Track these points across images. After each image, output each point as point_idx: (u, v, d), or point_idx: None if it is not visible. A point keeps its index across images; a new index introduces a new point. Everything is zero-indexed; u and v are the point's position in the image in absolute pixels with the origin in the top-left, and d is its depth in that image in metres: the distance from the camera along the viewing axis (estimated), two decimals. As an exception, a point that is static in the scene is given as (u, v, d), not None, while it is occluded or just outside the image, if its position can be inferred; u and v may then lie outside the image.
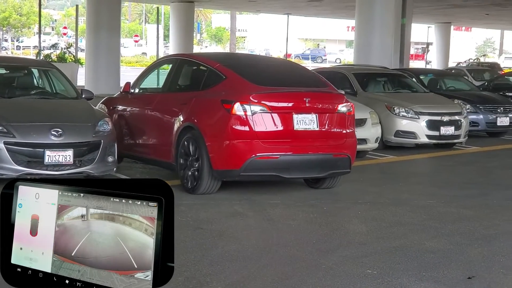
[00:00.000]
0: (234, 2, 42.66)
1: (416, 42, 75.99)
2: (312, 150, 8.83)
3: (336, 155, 9.00)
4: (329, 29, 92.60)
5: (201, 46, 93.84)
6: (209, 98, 8.94)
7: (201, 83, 9.43)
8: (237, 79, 8.96)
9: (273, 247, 6.61)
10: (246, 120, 8.44)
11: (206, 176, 8.66)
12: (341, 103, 9.07)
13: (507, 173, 11.92)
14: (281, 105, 8.65)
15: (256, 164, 8.49)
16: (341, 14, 46.18)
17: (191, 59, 10.55)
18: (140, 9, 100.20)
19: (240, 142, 8.46)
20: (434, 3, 34.44)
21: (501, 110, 16.94)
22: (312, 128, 8.77)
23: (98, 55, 26.79)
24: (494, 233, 7.49)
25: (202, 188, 8.73)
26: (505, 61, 73.15)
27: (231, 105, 8.48)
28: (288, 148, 8.66)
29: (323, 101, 9.03)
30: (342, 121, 9.07)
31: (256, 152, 8.45)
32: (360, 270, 5.95)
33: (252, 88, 8.66)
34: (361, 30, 21.17)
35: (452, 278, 5.85)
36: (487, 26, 64.46)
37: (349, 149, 9.13)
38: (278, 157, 8.54)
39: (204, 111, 8.93)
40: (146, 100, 10.40)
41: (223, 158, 8.58)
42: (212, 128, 8.71)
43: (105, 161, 9.09)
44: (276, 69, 10.22)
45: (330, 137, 8.99)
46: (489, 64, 43.96)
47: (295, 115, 8.65)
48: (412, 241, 6.99)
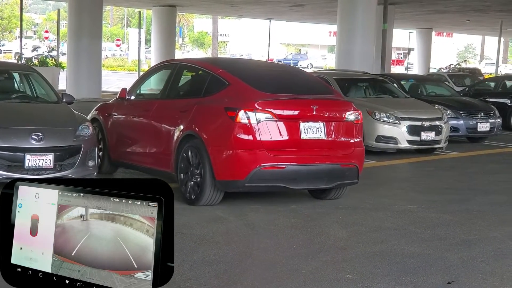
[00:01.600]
0: (216, 7, 42.66)
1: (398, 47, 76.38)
2: (319, 160, 8.50)
3: (344, 165, 8.68)
4: (311, 34, 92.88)
5: (183, 50, 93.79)
6: (212, 105, 8.58)
7: (203, 90, 9.04)
8: (241, 85, 8.59)
9: (253, 251, 6.61)
10: (251, 128, 8.08)
11: (209, 187, 8.28)
12: (349, 111, 8.76)
13: (487, 178, 11.99)
14: (287, 112, 8.32)
15: (261, 175, 8.13)
16: (323, 19, 46.32)
17: (192, 64, 10.16)
18: (122, 13, 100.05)
19: (245, 152, 8.10)
20: (416, 8, 34.64)
21: (482, 115, 17.04)
22: (320, 137, 8.44)
23: (80, 59, 26.71)
24: (474, 238, 7.53)
25: (204, 200, 8.35)
26: (486, 67, 73.59)
27: (235, 113, 8.11)
28: (295, 157, 8.32)
29: (330, 109, 8.69)
30: (350, 130, 8.74)
31: (262, 162, 8.09)
32: (340, 275, 5.96)
33: (257, 95, 8.30)
34: (342, 36, 21.26)
35: (431, 283, 5.87)
36: (468, 32, 64.89)
37: (357, 158, 8.81)
38: (285, 167, 8.22)
39: (207, 119, 8.57)
40: (144, 107, 9.99)
41: (226, 168, 8.19)
42: (215, 137, 8.34)
43: (85, 166, 9.05)
44: (280, 75, 9.86)
45: (338, 146, 8.67)
46: (470, 70, 44.27)
47: (302, 123, 8.32)
48: (392, 246, 7.01)
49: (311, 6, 35.74)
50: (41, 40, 77.67)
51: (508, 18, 37.14)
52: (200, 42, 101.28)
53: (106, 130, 10.44)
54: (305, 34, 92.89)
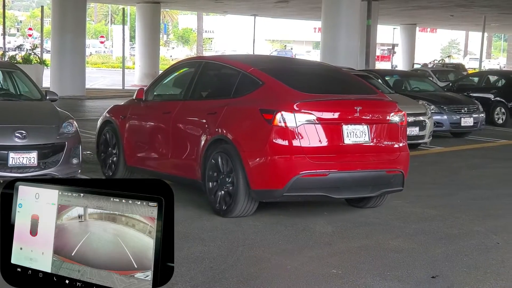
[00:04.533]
0: (200, 3, 42.60)
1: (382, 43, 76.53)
2: (364, 167, 7.82)
3: (389, 171, 8.02)
4: (296, 31, 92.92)
5: (168, 47, 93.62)
6: (245, 107, 7.89)
7: (232, 90, 8.30)
8: (277, 85, 7.90)
9: (238, 248, 6.62)
10: (290, 132, 7.37)
11: (242, 196, 7.59)
12: (393, 112, 8.12)
13: (471, 173, 12.05)
14: (329, 115, 7.64)
15: (302, 183, 7.44)
16: (308, 16, 46.34)
17: (218, 62, 9.39)
18: (106, 10, 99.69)
19: (284, 158, 7.40)
20: (399, 4, 34.73)
21: (465, 110, 17.14)
22: (364, 141, 7.77)
23: (64, 56, 26.60)
24: (457, 232, 7.57)
25: (237, 211, 7.67)
26: (469, 62, 73.95)
27: (272, 115, 7.41)
28: (337, 164, 7.62)
29: (375, 110, 8.08)
30: (394, 133, 8.10)
31: (302, 170, 7.39)
32: (325, 270, 5.99)
33: (296, 95, 7.62)
34: (327, 32, 21.29)
35: (416, 277, 5.91)
36: (452, 27, 65.14)
37: (403, 164, 8.17)
38: (327, 174, 7.52)
39: (239, 122, 7.90)
40: (164, 108, 9.16)
41: (263, 176, 7.50)
42: (249, 142, 7.63)
43: (69, 163, 9.02)
44: (317, 73, 9.18)
45: (383, 151, 8.02)
46: (454, 65, 44.45)
47: (345, 126, 7.64)
48: (376, 241, 7.05)
49: (296, 2, 35.76)
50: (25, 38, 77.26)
51: (492, 13, 37.32)
52: (185, 38, 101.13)
53: (121, 133, 9.73)
54: (290, 30, 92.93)
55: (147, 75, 35.89)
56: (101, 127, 10.30)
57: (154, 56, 36.81)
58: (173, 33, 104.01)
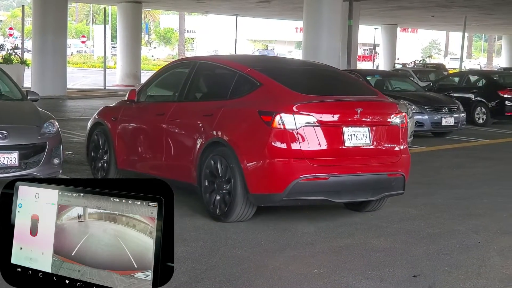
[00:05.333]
0: (182, 3, 42.53)
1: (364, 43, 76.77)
2: (365, 170, 7.62)
3: (390, 174, 7.83)
4: (277, 30, 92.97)
5: (150, 47, 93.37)
6: (242, 109, 7.70)
7: (229, 91, 8.11)
8: (275, 86, 7.71)
9: (221, 248, 6.62)
10: (289, 134, 7.19)
11: (240, 201, 7.41)
12: (394, 114, 7.95)
13: (452, 172, 12.11)
14: (330, 117, 7.45)
15: (302, 187, 7.25)
16: (290, 15, 46.38)
17: (214, 62, 9.19)
18: (88, 9, 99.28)
19: (283, 161, 7.21)
20: (380, 4, 34.86)
21: (446, 110, 17.24)
22: (365, 143, 7.61)
23: (45, 56, 26.51)
24: (439, 231, 7.61)
25: (235, 215, 7.50)
26: (450, 62, 74.31)
27: (271, 117, 7.22)
28: (338, 167, 7.43)
29: (375, 112, 7.91)
30: (395, 135, 7.93)
31: (302, 173, 7.21)
32: (307, 270, 6.01)
33: (295, 97, 7.43)
34: (309, 32, 21.32)
35: (397, 276, 5.94)
36: (433, 28, 65.44)
37: (404, 167, 7.98)
38: (328, 178, 7.32)
39: (237, 124, 7.70)
40: (158, 110, 8.97)
41: (262, 180, 7.31)
42: (247, 145, 7.44)
43: (51, 163, 8.98)
44: (316, 74, 8.95)
45: (384, 153, 7.85)
46: (435, 65, 44.66)
47: (346, 128, 7.47)
48: (358, 241, 7.08)
49: (278, 2, 35.78)
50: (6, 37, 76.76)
51: (472, 13, 37.53)
52: (167, 38, 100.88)
53: (112, 136, 9.52)
54: (272, 30, 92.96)
55: (128, 75, 35.83)
56: (91, 129, 10.05)
57: (135, 56, 36.73)
58: (154, 33, 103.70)
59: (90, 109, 22.27)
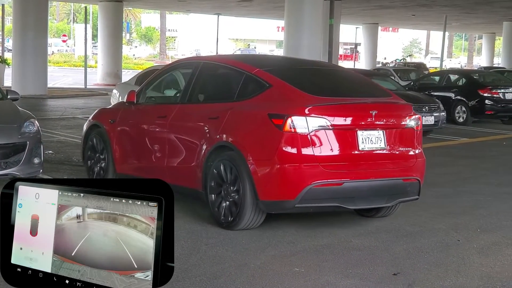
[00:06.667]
0: (163, 2, 42.46)
1: (345, 42, 77.00)
2: (380, 175, 7.33)
3: (406, 179, 7.54)
4: (259, 29, 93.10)
5: (131, 46, 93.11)
6: (251, 111, 7.37)
7: (236, 93, 7.78)
8: (286, 87, 7.37)
9: (202, 247, 6.63)
10: (302, 138, 6.87)
11: (249, 208, 7.08)
12: (409, 116, 7.68)
13: (432, 171, 12.11)
14: (343, 119, 7.14)
15: (315, 193, 6.93)
16: (271, 15, 46.45)
17: (219, 62, 8.84)
18: (69, 8, 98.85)
19: (296, 167, 6.89)
20: (361, 4, 34.97)
21: (426, 109, 17.30)
22: (379, 147, 7.31)
23: (25, 55, 26.38)
24: (419, 230, 7.66)
25: (243, 223, 7.18)
26: (431, 61, 74.71)
27: (282, 120, 6.88)
28: (353, 172, 7.12)
29: (390, 114, 7.60)
30: (410, 138, 7.67)
31: (316, 179, 6.89)
32: (288, 269, 6.03)
33: (308, 99, 7.11)
34: (290, 31, 21.34)
35: (377, 274, 5.97)
36: (414, 27, 65.73)
37: (419, 171, 7.69)
38: (342, 183, 7.00)
39: (245, 127, 7.37)
40: (159, 112, 8.65)
41: (273, 186, 6.98)
42: (257, 149, 7.10)
43: (31, 163, 8.94)
44: (327, 75, 8.56)
45: (399, 158, 7.55)
46: (415, 64, 44.89)
47: (360, 131, 7.16)
48: (339, 239, 7.10)
49: (259, 2, 35.81)
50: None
51: (453, 13, 37.74)
52: (148, 37, 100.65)
53: (110, 139, 9.16)
54: (253, 29, 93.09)
55: (109, 74, 35.71)
56: (87, 132, 9.66)
57: (116, 55, 36.61)
58: (136, 32, 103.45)
59: (71, 109, 22.21)
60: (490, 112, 21.04)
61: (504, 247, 7.09)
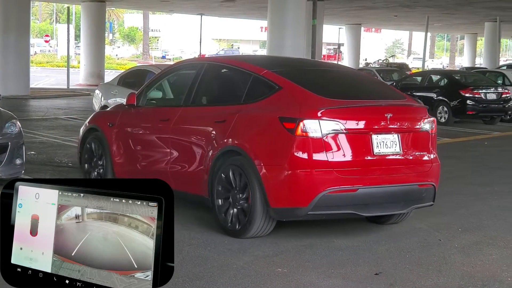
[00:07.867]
0: (146, 2, 42.40)
1: (328, 43, 77.13)
2: (395, 180, 7.05)
3: (421, 185, 7.25)
4: (242, 30, 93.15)
5: (114, 46, 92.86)
6: (261, 114, 7.07)
7: (243, 95, 7.48)
8: (297, 90, 7.07)
9: (184, 248, 6.63)
10: (314, 143, 6.59)
11: (259, 215, 6.80)
12: (424, 119, 7.37)
13: (414, 171, 12.22)
14: (357, 123, 6.91)
15: (328, 200, 6.66)
16: (254, 15, 46.48)
17: (224, 63, 8.56)
18: (51, 8, 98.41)
19: (308, 172, 6.61)
20: (344, 4, 35.09)
21: (409, 109, 17.36)
22: (395, 151, 7.03)
23: (7, 55, 26.29)
24: (400, 230, 7.69)
25: (253, 231, 6.89)
26: (413, 62, 75.05)
27: (294, 124, 6.60)
28: (367, 178, 6.85)
29: (405, 117, 7.31)
30: (425, 141, 7.39)
31: (329, 185, 6.61)
32: (271, 269, 6.04)
33: (320, 101, 6.80)
34: (273, 31, 21.39)
35: (359, 274, 6.00)
36: (396, 28, 66.03)
37: (435, 177, 7.43)
38: (357, 190, 6.71)
39: (254, 131, 7.07)
40: (161, 115, 8.32)
41: (285, 193, 6.70)
42: (267, 154, 6.81)
43: (13, 164, 8.91)
44: (338, 76, 8.29)
45: (415, 162, 7.29)
46: (398, 65, 45.10)
47: (374, 135, 6.88)
48: (321, 239, 7.12)
49: (242, 2, 35.85)
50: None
51: (435, 13, 37.94)
52: (131, 37, 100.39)
53: (109, 143, 8.79)
54: (237, 29, 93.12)
55: (92, 74, 35.62)
56: (84, 136, 9.29)
57: (99, 55, 36.54)
58: (118, 32, 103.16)
59: (53, 109, 22.12)
60: (472, 112, 21.16)
61: (485, 247, 7.14)
